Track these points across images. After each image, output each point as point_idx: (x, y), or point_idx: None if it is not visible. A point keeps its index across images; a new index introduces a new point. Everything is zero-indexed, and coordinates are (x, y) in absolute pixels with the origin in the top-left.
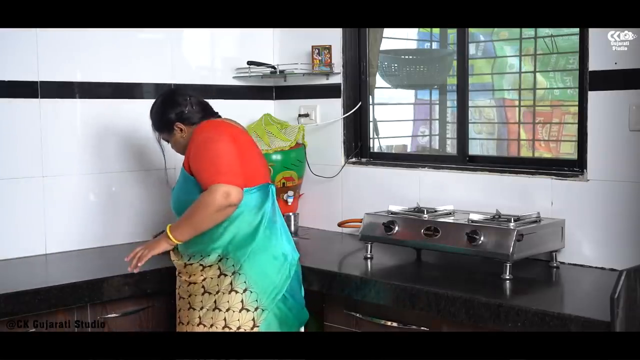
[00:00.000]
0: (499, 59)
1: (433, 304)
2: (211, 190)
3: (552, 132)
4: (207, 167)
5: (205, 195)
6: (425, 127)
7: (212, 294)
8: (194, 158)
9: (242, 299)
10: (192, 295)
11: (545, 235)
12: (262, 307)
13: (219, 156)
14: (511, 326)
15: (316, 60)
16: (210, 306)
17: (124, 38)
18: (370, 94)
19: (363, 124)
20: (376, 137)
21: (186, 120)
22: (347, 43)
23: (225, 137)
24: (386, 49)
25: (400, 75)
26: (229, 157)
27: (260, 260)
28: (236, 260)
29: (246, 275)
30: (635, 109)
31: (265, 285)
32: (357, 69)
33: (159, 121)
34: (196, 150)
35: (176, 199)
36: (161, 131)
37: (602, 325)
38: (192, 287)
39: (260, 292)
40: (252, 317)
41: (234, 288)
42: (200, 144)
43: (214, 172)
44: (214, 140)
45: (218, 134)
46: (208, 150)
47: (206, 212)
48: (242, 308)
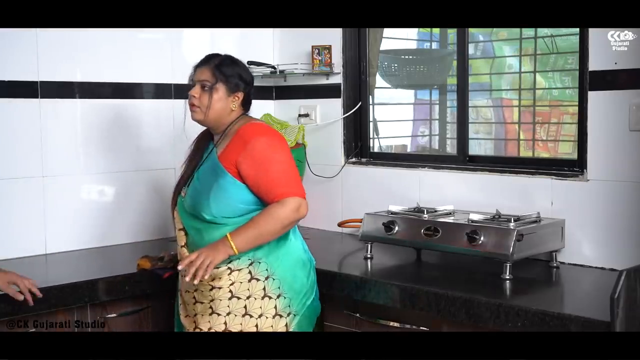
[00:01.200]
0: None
1: (433, 304)
2: (284, 204)
3: (550, 132)
4: (277, 178)
5: (278, 208)
6: (425, 127)
7: (242, 299)
8: (261, 166)
9: (276, 304)
10: (216, 300)
11: (545, 235)
12: (294, 313)
13: (288, 167)
14: (511, 326)
15: (316, 60)
16: (239, 312)
17: (124, 38)
18: (370, 94)
19: (363, 124)
20: (376, 137)
21: (246, 99)
22: (347, 43)
23: (286, 145)
24: (386, 49)
25: (400, 75)
26: (294, 167)
27: (292, 265)
28: (269, 265)
29: (280, 280)
30: (635, 109)
31: (298, 290)
32: (357, 69)
33: (236, 74)
34: (262, 158)
35: (223, 206)
36: (225, 83)
37: (602, 325)
38: (217, 291)
39: (293, 298)
40: (285, 323)
41: (267, 293)
42: (266, 151)
43: (284, 184)
44: (279, 149)
45: (279, 141)
46: (275, 160)
47: (277, 226)
48: (275, 314)
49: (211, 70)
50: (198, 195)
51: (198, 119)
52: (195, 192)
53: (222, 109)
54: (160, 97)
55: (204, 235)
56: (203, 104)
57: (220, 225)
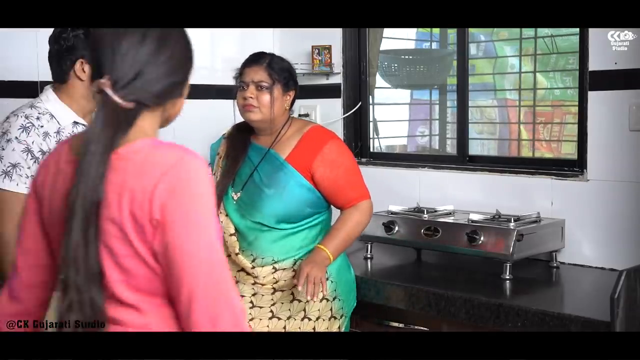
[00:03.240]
0: (500, 59)
1: (433, 304)
2: (363, 209)
3: (553, 132)
4: (352, 181)
5: (360, 213)
6: (425, 127)
7: (302, 302)
8: (338, 170)
9: (332, 306)
10: (278, 303)
11: (545, 235)
12: (345, 314)
13: (358, 170)
14: (511, 326)
15: (316, 60)
16: (299, 315)
17: None
18: (370, 94)
19: (363, 124)
20: (376, 137)
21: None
22: (347, 43)
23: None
24: (386, 49)
25: (400, 75)
26: (359, 169)
27: (344, 267)
28: (328, 267)
29: (336, 282)
30: (635, 109)
31: (349, 291)
32: (357, 69)
33: (287, 73)
34: (338, 162)
35: (291, 210)
36: (280, 82)
37: (602, 325)
38: (279, 294)
39: (345, 300)
40: (339, 325)
41: (325, 296)
42: (342, 155)
43: (359, 187)
44: (349, 152)
45: (344, 144)
46: (348, 164)
47: (360, 230)
48: (331, 316)
49: (266, 71)
50: (260, 198)
51: (256, 119)
52: (256, 194)
53: (280, 108)
54: None
55: (263, 239)
56: (262, 105)
57: (276, 230)
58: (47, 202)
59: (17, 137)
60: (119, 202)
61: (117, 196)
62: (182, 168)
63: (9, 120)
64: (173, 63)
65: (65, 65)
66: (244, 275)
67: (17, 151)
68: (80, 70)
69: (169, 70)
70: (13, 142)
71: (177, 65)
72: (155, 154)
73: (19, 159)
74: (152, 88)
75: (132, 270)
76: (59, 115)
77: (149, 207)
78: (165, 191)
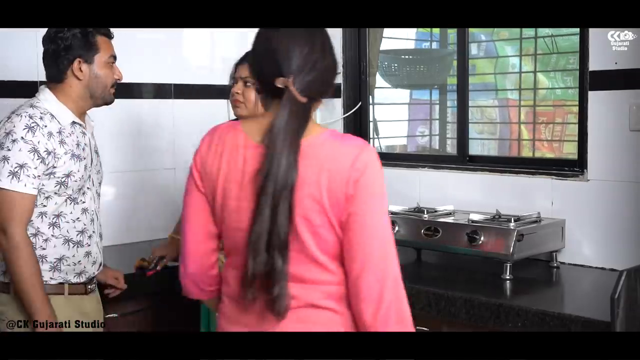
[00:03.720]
0: (500, 58)
1: (433, 304)
2: None
3: (554, 132)
4: None
5: None
6: (425, 127)
7: None
8: None
9: None
10: None
11: (546, 235)
12: None
13: None
14: (511, 326)
15: None
16: None
17: (124, 38)
18: (370, 94)
19: (363, 124)
20: (376, 137)
21: None
22: (347, 43)
23: None
24: (386, 49)
25: (400, 75)
26: None
27: None
28: None
29: None
30: (635, 109)
31: None
32: (357, 69)
33: None
34: None
35: None
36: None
37: (602, 325)
38: None
39: None
40: None
41: None
42: None
43: None
44: None
45: None
46: None
47: None
48: None
49: None
50: None
51: (242, 115)
52: None
53: None
54: (160, 97)
55: None
56: (247, 100)
57: None
58: (214, 178)
59: (23, 137)
60: (317, 181)
61: (316, 177)
62: (367, 154)
63: (11, 120)
64: (333, 64)
65: (63, 64)
66: None
67: (24, 151)
68: (77, 69)
69: (332, 69)
70: (19, 142)
71: (335, 66)
72: (343, 142)
73: (26, 159)
74: (320, 85)
75: (324, 236)
76: (59, 115)
77: (345, 184)
78: (357, 171)
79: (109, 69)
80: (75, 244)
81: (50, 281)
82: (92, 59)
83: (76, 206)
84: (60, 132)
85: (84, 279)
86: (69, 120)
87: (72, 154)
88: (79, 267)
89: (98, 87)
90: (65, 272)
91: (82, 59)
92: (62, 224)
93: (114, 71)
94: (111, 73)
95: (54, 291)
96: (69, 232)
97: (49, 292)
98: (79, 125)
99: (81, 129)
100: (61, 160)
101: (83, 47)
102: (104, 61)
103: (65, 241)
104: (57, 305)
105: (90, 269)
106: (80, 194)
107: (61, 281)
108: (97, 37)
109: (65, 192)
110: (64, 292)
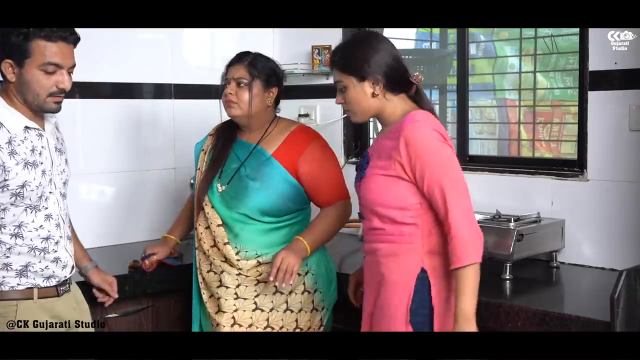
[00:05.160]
0: (500, 59)
1: None
2: (344, 207)
3: (552, 132)
4: (334, 180)
5: (341, 211)
6: None
7: (284, 294)
8: (322, 169)
9: (313, 299)
10: (261, 295)
11: (545, 235)
12: (327, 307)
13: (340, 170)
14: (511, 326)
15: (316, 60)
16: (281, 307)
17: (124, 38)
18: None
19: (363, 124)
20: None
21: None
22: None
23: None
24: None
25: None
26: (341, 170)
27: (323, 260)
28: (307, 260)
29: (316, 275)
30: (635, 109)
31: (329, 284)
32: None
33: (269, 70)
34: (322, 160)
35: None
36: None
37: (602, 325)
38: (262, 286)
39: (325, 292)
40: (320, 317)
41: (306, 288)
42: (325, 155)
43: (340, 187)
44: (332, 153)
45: (329, 146)
46: (332, 164)
47: (339, 228)
48: (312, 308)
49: (246, 68)
50: (245, 191)
51: (236, 115)
52: (242, 187)
53: (260, 104)
54: (160, 97)
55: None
56: (241, 100)
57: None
58: None
59: None
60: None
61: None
62: None
63: None
64: None
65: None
66: (229, 266)
67: None
68: (8, 71)
69: None
70: None
71: None
72: None
73: None
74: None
75: None
76: (8, 123)
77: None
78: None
79: (44, 75)
80: (41, 251)
81: (18, 287)
82: (22, 63)
83: (38, 214)
84: (10, 142)
85: (55, 283)
86: (20, 127)
87: (26, 162)
88: (47, 272)
89: (28, 94)
90: (33, 278)
91: (12, 61)
92: (24, 234)
93: (55, 79)
94: (48, 81)
95: (21, 296)
96: (32, 241)
97: (16, 297)
98: (34, 129)
99: (37, 131)
100: (12, 172)
101: (11, 48)
102: (37, 67)
103: (30, 249)
104: (24, 309)
105: (60, 273)
106: (42, 200)
107: (29, 286)
108: (33, 40)
109: (22, 203)
110: (33, 297)
